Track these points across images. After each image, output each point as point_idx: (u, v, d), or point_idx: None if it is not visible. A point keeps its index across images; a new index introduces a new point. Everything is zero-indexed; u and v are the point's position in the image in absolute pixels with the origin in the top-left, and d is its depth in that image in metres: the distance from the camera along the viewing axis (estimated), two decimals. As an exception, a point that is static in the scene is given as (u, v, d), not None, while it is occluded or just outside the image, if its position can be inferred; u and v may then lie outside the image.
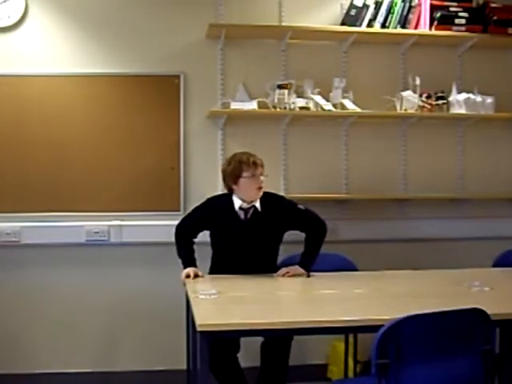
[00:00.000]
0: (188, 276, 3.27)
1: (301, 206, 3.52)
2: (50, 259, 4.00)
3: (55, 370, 4.00)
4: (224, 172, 3.49)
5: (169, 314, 3.89)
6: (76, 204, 4.01)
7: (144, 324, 4.05)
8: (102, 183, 4.03)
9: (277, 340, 3.37)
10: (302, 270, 3.37)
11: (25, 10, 3.97)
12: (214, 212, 3.47)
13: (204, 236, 3.52)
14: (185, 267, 3.36)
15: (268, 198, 3.49)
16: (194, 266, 3.37)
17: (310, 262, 3.42)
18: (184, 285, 3.20)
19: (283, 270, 3.38)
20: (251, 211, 3.44)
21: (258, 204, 3.45)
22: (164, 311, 3.97)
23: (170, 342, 3.95)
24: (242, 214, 3.44)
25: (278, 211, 3.46)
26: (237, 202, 3.44)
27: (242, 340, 3.44)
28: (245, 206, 3.43)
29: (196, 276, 3.29)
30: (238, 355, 3.42)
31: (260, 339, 3.42)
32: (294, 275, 3.34)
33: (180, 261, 3.43)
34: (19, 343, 4.01)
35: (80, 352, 4.04)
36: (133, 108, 4.06)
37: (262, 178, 3.43)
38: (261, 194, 3.43)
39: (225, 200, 3.49)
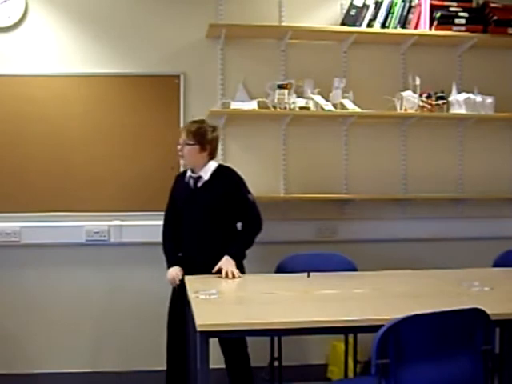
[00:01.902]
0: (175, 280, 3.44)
1: (250, 196, 3.52)
2: (50, 259, 4.01)
3: (55, 370, 4.00)
4: None
5: (169, 313, 3.90)
6: (76, 204, 4.01)
7: (144, 324, 4.05)
8: (102, 183, 4.03)
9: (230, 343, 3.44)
10: (231, 262, 3.34)
11: (25, 10, 3.97)
12: (176, 183, 3.63)
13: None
14: (168, 267, 3.49)
15: (222, 173, 3.52)
16: (177, 264, 3.48)
17: (239, 252, 3.43)
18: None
19: (217, 269, 3.33)
20: (202, 181, 3.48)
21: (204, 174, 3.47)
22: (164, 311, 3.95)
23: (170, 342, 3.95)
24: (191, 183, 3.50)
25: (225, 186, 3.47)
26: (189, 171, 3.54)
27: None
28: (193, 175, 3.51)
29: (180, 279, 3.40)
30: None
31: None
32: (228, 272, 3.29)
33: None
34: (19, 343, 4.01)
35: (80, 352, 4.04)
36: (133, 108, 4.06)
37: (184, 146, 3.45)
38: (184, 162, 3.54)
39: (183, 173, 3.63)
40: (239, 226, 3.59)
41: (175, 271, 3.45)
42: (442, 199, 4.30)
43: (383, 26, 4.10)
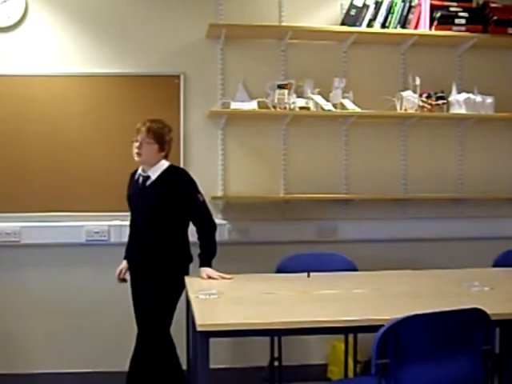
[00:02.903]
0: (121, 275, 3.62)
1: (199, 197, 3.47)
2: (50, 259, 4.01)
3: (55, 370, 4.00)
4: None
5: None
6: (76, 204, 4.01)
7: (144, 324, 4.05)
8: (102, 183, 4.03)
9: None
10: (211, 269, 3.36)
11: (25, 10, 3.97)
12: (130, 182, 3.59)
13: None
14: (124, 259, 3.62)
15: (171, 172, 3.47)
16: (126, 258, 3.60)
17: (210, 258, 3.42)
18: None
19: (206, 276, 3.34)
20: (150, 180, 3.44)
21: (152, 173, 3.43)
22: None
23: (170, 342, 3.95)
24: (141, 181, 3.47)
25: (173, 186, 3.41)
26: (140, 169, 3.50)
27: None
28: (143, 173, 3.46)
29: (121, 276, 3.61)
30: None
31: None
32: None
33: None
34: (19, 343, 4.01)
35: (80, 352, 4.04)
36: (133, 108, 4.05)
37: (143, 144, 3.39)
38: (138, 159, 3.42)
39: (135, 171, 3.57)
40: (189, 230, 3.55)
41: (121, 266, 3.60)
42: (442, 199, 4.30)
43: (383, 26, 4.10)
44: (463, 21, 4.11)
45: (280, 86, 4.00)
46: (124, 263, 3.60)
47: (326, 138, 4.23)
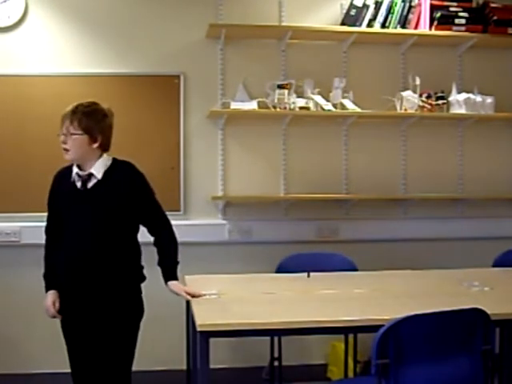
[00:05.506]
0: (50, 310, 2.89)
1: (157, 199, 2.88)
2: (50, 259, 4.00)
3: (55, 370, 3.99)
4: None
5: (169, 313, 3.89)
6: (76, 204, 4.00)
7: (144, 324, 4.03)
8: (102, 183, 4.03)
9: None
10: (186, 287, 2.87)
11: (25, 10, 3.98)
12: (57, 184, 2.94)
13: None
14: (48, 289, 2.93)
15: (120, 169, 2.82)
16: (56, 287, 2.90)
17: (175, 272, 2.84)
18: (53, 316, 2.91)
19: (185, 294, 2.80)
20: (93, 180, 2.76)
21: (95, 171, 2.75)
22: (164, 311, 3.97)
23: (170, 342, 3.95)
24: (79, 183, 2.78)
25: (127, 187, 2.77)
26: (75, 169, 2.80)
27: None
28: (80, 172, 2.77)
29: (56, 310, 2.89)
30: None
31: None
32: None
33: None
34: (19, 343, 4.01)
35: (80, 352, 4.04)
36: (133, 108, 4.06)
37: (70, 137, 2.70)
38: (68, 157, 2.75)
39: (67, 169, 2.87)
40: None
41: (53, 298, 2.90)
42: (442, 199, 4.30)
43: (383, 26, 4.10)
44: (463, 21, 4.11)
45: (280, 86, 4.00)
46: (53, 294, 2.92)
47: (326, 138, 4.24)
